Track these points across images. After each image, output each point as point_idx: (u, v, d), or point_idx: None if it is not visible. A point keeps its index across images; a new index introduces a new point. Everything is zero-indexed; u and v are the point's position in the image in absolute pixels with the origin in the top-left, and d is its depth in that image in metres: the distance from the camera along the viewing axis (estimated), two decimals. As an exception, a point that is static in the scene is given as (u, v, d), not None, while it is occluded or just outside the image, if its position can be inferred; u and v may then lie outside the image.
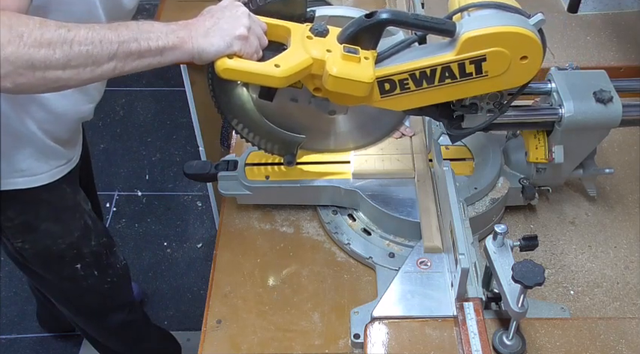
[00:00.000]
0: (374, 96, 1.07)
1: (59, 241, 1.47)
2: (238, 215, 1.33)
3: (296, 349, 1.10)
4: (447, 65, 1.02)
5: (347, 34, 1.03)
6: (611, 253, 1.25)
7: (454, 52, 1.01)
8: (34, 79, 0.88)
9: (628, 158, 1.44)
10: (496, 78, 1.04)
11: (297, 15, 1.09)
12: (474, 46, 1.00)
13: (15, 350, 2.32)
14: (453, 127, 1.16)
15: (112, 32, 0.93)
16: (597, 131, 1.22)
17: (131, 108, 3.27)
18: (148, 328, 1.95)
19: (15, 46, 0.85)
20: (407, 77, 1.05)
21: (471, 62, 1.02)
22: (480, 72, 1.03)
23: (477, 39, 0.99)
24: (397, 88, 1.06)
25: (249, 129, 1.22)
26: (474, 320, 0.99)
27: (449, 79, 1.04)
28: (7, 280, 2.51)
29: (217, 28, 1.00)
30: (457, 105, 1.13)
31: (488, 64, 1.01)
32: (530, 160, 1.25)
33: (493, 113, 1.13)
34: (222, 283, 1.21)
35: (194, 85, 1.96)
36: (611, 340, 1.01)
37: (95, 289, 1.63)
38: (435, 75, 1.04)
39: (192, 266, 2.58)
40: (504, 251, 1.01)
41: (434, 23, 1.02)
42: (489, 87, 1.06)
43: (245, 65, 1.00)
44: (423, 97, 1.07)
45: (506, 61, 1.01)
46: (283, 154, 1.26)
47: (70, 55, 0.89)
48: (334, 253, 1.26)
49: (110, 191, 2.86)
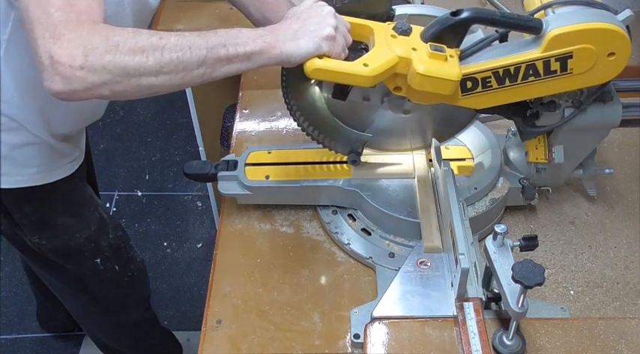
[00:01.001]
0: (456, 94, 1.06)
1: (77, 235, 1.48)
2: (238, 215, 1.33)
3: (296, 349, 1.10)
4: (532, 63, 1.01)
5: (431, 32, 1.02)
6: (611, 253, 1.25)
7: (540, 49, 1.00)
8: (129, 86, 0.92)
9: (628, 158, 1.44)
10: (581, 75, 1.03)
11: (379, 14, 1.08)
12: (562, 43, 0.99)
13: (15, 350, 2.32)
14: (527, 124, 1.16)
15: (201, 39, 0.95)
16: (597, 131, 1.22)
17: (131, 108, 3.27)
18: (156, 328, 1.96)
19: (112, 55, 0.89)
20: (490, 75, 1.04)
21: (557, 59, 1.01)
22: (564, 69, 1.02)
23: (565, 36, 0.99)
24: (479, 87, 1.05)
25: (315, 127, 1.20)
26: (473, 320, 0.99)
27: (532, 77, 1.03)
28: (7, 280, 2.51)
29: (305, 30, 1.00)
30: (535, 103, 1.12)
31: (575, 61, 1.01)
32: (530, 160, 1.25)
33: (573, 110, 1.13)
34: (222, 283, 1.21)
35: (194, 85, 1.96)
36: (611, 340, 1.01)
37: (116, 283, 1.64)
38: (519, 73, 1.03)
39: (192, 266, 2.58)
40: (504, 251, 1.01)
41: (520, 21, 1.01)
42: (573, 84, 1.06)
43: (334, 65, 1.00)
44: (504, 95, 1.06)
45: (593, 58, 1.01)
46: (347, 152, 1.25)
47: (161, 61, 0.92)
48: (334, 253, 1.26)
49: (110, 191, 2.86)
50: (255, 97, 1.63)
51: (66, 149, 1.37)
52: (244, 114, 1.59)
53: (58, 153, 1.35)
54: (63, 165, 1.38)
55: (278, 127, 1.54)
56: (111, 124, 3.16)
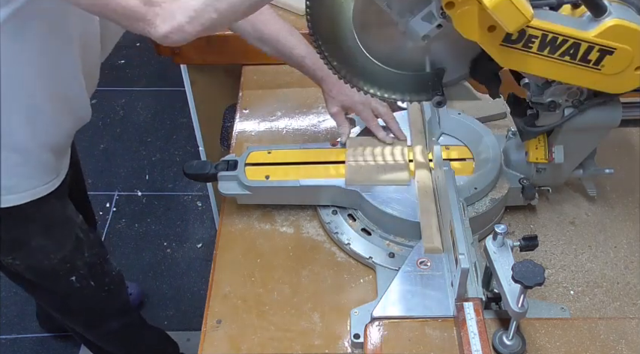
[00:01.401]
0: (496, 39, 1.02)
1: (51, 256, 1.46)
2: (238, 215, 1.33)
3: (296, 349, 1.10)
4: (579, 42, 1.00)
5: None
6: (611, 253, 1.25)
7: (595, 32, 0.99)
8: None
9: (628, 158, 1.44)
10: (605, 76, 1.03)
11: None
12: (616, 35, 0.99)
13: (15, 350, 2.32)
14: (527, 124, 1.16)
15: None
16: (597, 131, 1.22)
17: (131, 108, 3.27)
18: (143, 330, 1.95)
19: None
20: (539, 36, 1.01)
21: (599, 50, 1.00)
22: (597, 63, 1.02)
23: (622, 29, 0.98)
24: (521, 43, 1.02)
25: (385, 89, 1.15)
26: (473, 320, 0.99)
27: (568, 57, 1.02)
28: (7, 280, 2.49)
29: None
30: (535, 103, 1.12)
31: (612, 59, 1.01)
32: (530, 160, 1.25)
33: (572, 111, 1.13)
34: (222, 283, 1.21)
35: (194, 85, 1.96)
36: (611, 340, 1.01)
37: (92, 298, 1.62)
38: (562, 47, 1.01)
39: (192, 266, 2.58)
40: (504, 251, 1.01)
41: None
42: (594, 82, 1.05)
43: None
44: (533, 63, 1.04)
45: (626, 64, 1.01)
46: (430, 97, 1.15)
47: None
48: (334, 253, 1.26)
49: (110, 191, 2.86)
50: (255, 97, 1.63)
51: (47, 166, 1.34)
52: (244, 114, 1.59)
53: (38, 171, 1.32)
54: (40, 185, 1.34)
55: (278, 127, 1.54)
56: (111, 124, 3.17)
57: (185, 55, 1.77)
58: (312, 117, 1.56)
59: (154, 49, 1.76)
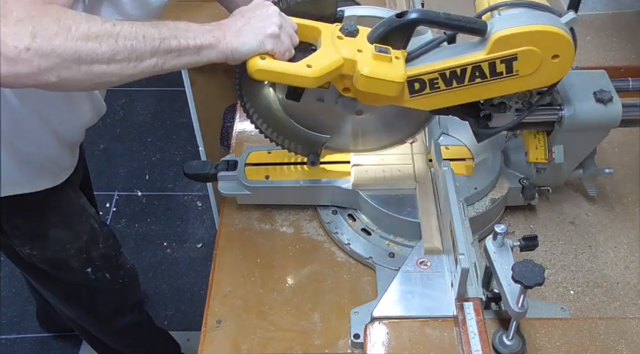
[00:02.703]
0: (403, 96, 1.06)
1: (68, 246, 1.47)
2: (238, 215, 1.33)
3: (296, 349, 1.10)
4: (478, 65, 1.02)
5: (377, 33, 1.03)
6: (611, 253, 1.25)
7: (485, 51, 1.01)
8: (79, 73, 0.88)
9: (628, 158, 1.44)
10: (527, 77, 1.03)
11: (326, 15, 1.09)
12: (506, 45, 1.00)
13: (15, 350, 2.32)
14: (480, 126, 1.16)
15: (154, 29, 0.93)
16: (597, 131, 1.22)
17: (131, 108, 3.27)
18: (152, 329, 1.96)
19: (63, 38, 0.85)
20: (437, 77, 1.04)
21: (502, 61, 1.01)
22: (510, 71, 1.02)
23: (508, 38, 0.99)
24: (427, 88, 1.05)
25: (273, 129, 1.21)
26: (473, 320, 0.99)
27: (479, 79, 1.04)
28: (7, 280, 2.51)
29: (249, 27, 1.00)
30: (486, 104, 1.13)
31: (520, 63, 1.01)
32: (530, 160, 1.25)
33: (521, 112, 1.13)
34: (222, 283, 1.21)
35: (194, 85, 1.96)
36: (611, 340, 1.01)
37: (107, 291, 1.63)
38: (466, 74, 1.03)
39: (192, 266, 2.58)
40: (504, 251, 1.01)
41: (465, 22, 1.01)
42: (520, 86, 1.06)
43: (277, 66, 1.00)
44: (453, 96, 1.07)
45: (538, 60, 1.01)
46: (307, 153, 1.25)
47: (115, 49, 0.89)
48: (334, 253, 1.26)
49: (110, 191, 2.86)
50: (255, 97, 1.63)
51: (62, 155, 1.36)
52: (244, 114, 1.58)
53: (53, 160, 1.34)
54: (56, 173, 1.36)
55: (278, 127, 1.54)
56: (111, 124, 3.17)
57: (185, 55, 1.77)
58: (312, 117, 1.56)
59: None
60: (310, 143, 1.24)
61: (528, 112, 1.13)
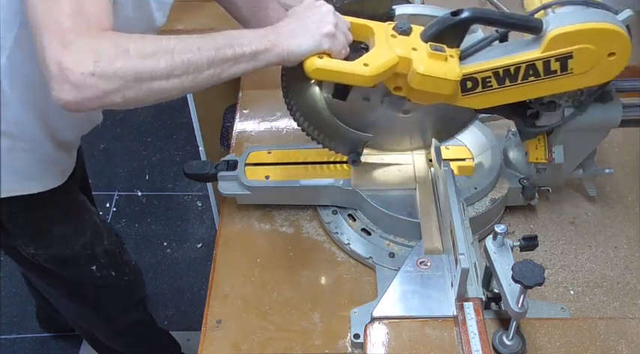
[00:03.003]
0: (455, 94, 1.06)
1: (72, 243, 1.47)
2: (238, 215, 1.33)
3: (296, 349, 1.10)
4: (532, 63, 1.01)
5: (431, 32, 1.02)
6: (611, 253, 1.25)
7: (540, 49, 1.00)
8: (141, 91, 0.90)
9: (628, 158, 1.44)
10: (581, 75, 1.03)
11: (379, 14, 1.08)
12: (562, 43, 0.99)
13: (15, 350, 2.32)
14: (527, 124, 1.16)
15: (207, 40, 0.95)
16: (597, 131, 1.22)
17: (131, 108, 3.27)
18: (153, 329, 1.96)
19: (123, 60, 0.88)
20: (490, 75, 1.03)
21: (557, 59, 1.01)
22: (565, 69, 1.02)
23: (565, 36, 0.99)
24: (479, 86, 1.05)
25: (315, 127, 1.20)
26: (473, 320, 0.99)
27: (532, 77, 1.03)
28: (7, 280, 2.51)
29: (304, 28, 1.00)
30: (535, 103, 1.13)
31: (575, 61, 1.01)
32: (530, 160, 1.25)
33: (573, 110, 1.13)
34: (222, 283, 1.21)
35: (194, 85, 1.96)
36: (611, 340, 1.01)
37: (113, 288, 1.64)
38: (519, 73, 1.03)
39: (192, 266, 2.58)
40: (504, 251, 1.01)
41: (521, 21, 1.01)
42: (573, 84, 1.06)
43: (335, 65, 1.00)
44: (504, 95, 1.06)
45: (593, 58, 1.01)
46: (348, 152, 1.25)
47: (172, 64, 0.91)
48: (334, 253, 1.26)
49: (110, 191, 2.86)
50: (255, 97, 1.63)
51: (61, 157, 1.36)
52: (244, 114, 1.59)
53: (53, 161, 1.34)
54: (57, 173, 1.37)
55: (278, 127, 1.54)
56: (111, 124, 3.17)
57: (185, 55, 1.77)
58: (312, 117, 1.56)
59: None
60: (352, 142, 1.23)
61: (579, 111, 1.13)
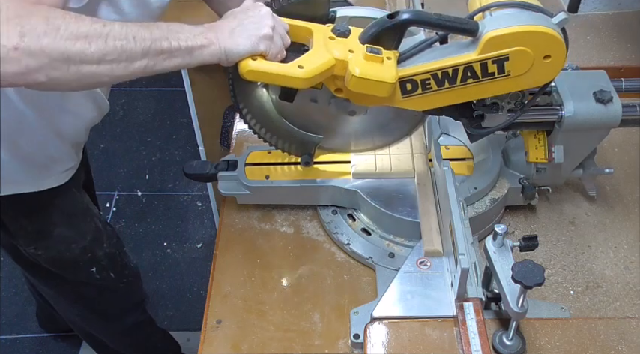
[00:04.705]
0: (396, 96, 1.06)
1: (73, 245, 1.47)
2: (238, 215, 1.33)
3: (296, 349, 1.10)
4: (470, 65, 1.02)
5: (369, 34, 1.03)
6: (611, 253, 1.25)
7: (476, 51, 1.01)
8: (69, 73, 0.87)
9: (628, 158, 1.44)
10: (518, 77, 1.03)
11: (319, 16, 1.09)
12: (497, 45, 1.00)
13: (15, 350, 2.32)
14: (473, 126, 1.16)
15: (145, 30, 0.93)
16: (597, 131, 1.22)
17: (131, 108, 3.27)
18: (153, 329, 1.96)
19: (52, 38, 0.84)
20: (429, 77, 1.04)
21: (494, 62, 1.01)
22: (502, 71, 1.02)
23: (499, 39, 0.99)
24: (419, 88, 1.06)
25: (267, 129, 1.21)
26: (473, 320, 0.99)
27: (471, 79, 1.04)
28: (7, 280, 2.51)
29: (242, 29, 1.00)
30: (478, 104, 1.12)
31: (511, 63, 1.01)
32: (530, 160, 1.25)
33: (514, 112, 1.13)
34: (222, 283, 1.21)
35: (194, 85, 1.96)
36: (611, 340, 1.01)
37: (112, 290, 1.64)
38: (457, 75, 1.03)
39: (192, 266, 2.58)
40: (504, 251, 1.01)
41: (456, 23, 1.01)
42: (511, 86, 1.06)
43: (268, 67, 1.00)
44: (445, 96, 1.07)
45: (529, 61, 1.01)
46: (300, 154, 1.26)
47: (105, 49, 0.89)
48: (334, 253, 1.26)
49: (110, 191, 2.86)
50: (255, 97, 1.63)
51: (65, 155, 1.36)
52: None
53: (57, 159, 1.34)
54: (61, 172, 1.36)
55: (278, 127, 1.54)
56: (111, 124, 3.17)
57: (185, 55, 1.77)
58: (312, 117, 1.56)
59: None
60: (304, 144, 1.24)
61: (521, 112, 1.13)
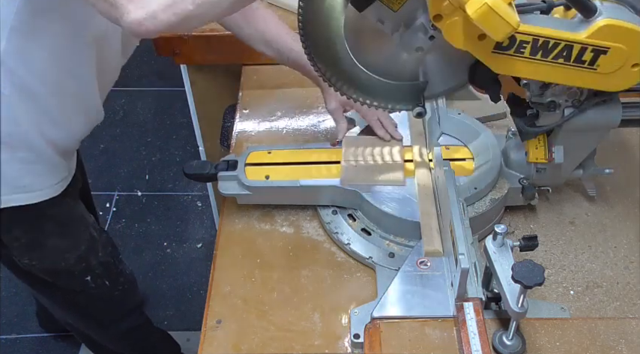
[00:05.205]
0: (488, 46, 1.03)
1: (67, 255, 1.47)
2: (238, 215, 1.33)
3: (296, 349, 1.10)
4: (571, 44, 1.00)
5: None
6: (611, 253, 1.25)
7: (586, 33, 0.99)
8: None
9: (628, 158, 1.44)
10: (602, 75, 1.03)
11: None
12: (608, 35, 0.99)
13: (15, 350, 2.32)
14: (527, 124, 1.16)
15: None
16: (597, 131, 1.22)
17: (131, 108, 3.27)
18: (150, 331, 1.96)
19: None
20: (529, 41, 1.01)
21: (593, 50, 1.00)
22: (592, 63, 1.02)
23: (614, 28, 0.98)
24: (512, 49, 1.02)
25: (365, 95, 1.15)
26: (473, 320, 0.99)
27: (562, 60, 1.02)
28: (7, 280, 2.51)
29: None
30: (535, 102, 1.12)
31: (606, 58, 1.01)
32: (530, 160, 1.25)
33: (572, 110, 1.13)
34: (222, 283, 1.21)
35: (194, 85, 1.96)
36: (611, 340, 1.01)
37: (106, 298, 1.63)
38: (555, 50, 1.01)
39: (192, 266, 2.58)
40: (504, 251, 1.01)
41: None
42: (592, 82, 1.05)
43: None
44: (528, 67, 1.04)
45: (622, 62, 1.01)
46: (412, 107, 1.16)
47: None
48: (334, 253, 1.26)
49: (110, 191, 2.86)
50: (255, 97, 1.63)
51: (60, 165, 1.35)
52: (244, 114, 1.59)
53: (52, 170, 1.33)
54: (55, 182, 1.36)
55: (278, 127, 1.54)
56: (111, 124, 3.17)
57: (185, 55, 1.77)
58: (312, 117, 1.56)
59: (154, 49, 1.76)
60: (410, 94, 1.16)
61: (578, 112, 1.13)
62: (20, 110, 1.20)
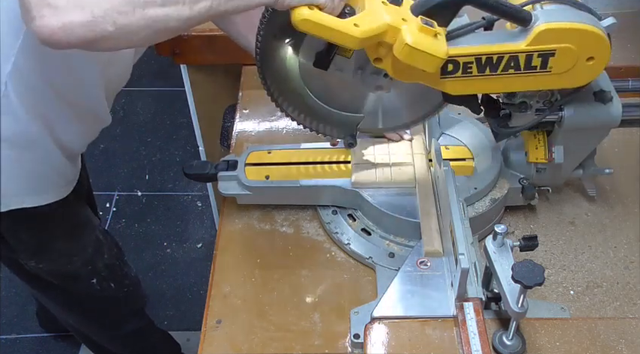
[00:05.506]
0: (436, 74, 1.04)
1: (74, 258, 1.47)
2: (238, 215, 1.33)
3: (296, 349, 1.10)
4: (515, 55, 1.01)
5: (424, 7, 1.00)
6: (611, 253, 1.25)
7: (526, 41, 1.00)
8: (134, 18, 0.87)
9: (628, 158, 1.44)
10: (558, 75, 1.03)
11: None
12: (548, 39, 0.99)
13: (15, 350, 2.32)
14: (500, 125, 1.16)
15: None
16: (597, 131, 1.22)
17: (131, 108, 3.27)
18: (153, 331, 1.96)
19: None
20: (472, 61, 1.02)
21: (540, 55, 1.00)
22: (544, 67, 1.02)
23: (552, 32, 0.98)
24: (459, 71, 1.03)
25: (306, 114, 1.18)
26: (473, 320, 0.99)
27: (512, 70, 1.03)
28: (7, 280, 2.51)
29: None
30: (506, 103, 1.12)
31: (556, 59, 1.01)
32: (530, 160, 1.25)
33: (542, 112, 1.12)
34: (222, 283, 1.21)
35: (194, 85, 1.96)
36: (611, 340, 1.01)
37: (112, 300, 1.63)
38: (501, 63, 1.02)
39: (192, 266, 2.58)
40: (504, 251, 1.01)
41: (512, 9, 1.00)
42: (549, 83, 1.05)
43: (325, 19, 0.95)
44: (481, 84, 1.05)
45: (573, 60, 1.01)
46: (343, 136, 1.22)
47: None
48: (334, 253, 1.26)
49: (110, 191, 2.86)
50: (255, 97, 1.63)
51: (67, 167, 1.35)
52: (244, 114, 1.59)
53: (59, 172, 1.33)
54: (63, 185, 1.36)
55: (278, 127, 1.54)
56: (111, 124, 3.15)
57: (185, 55, 1.77)
58: (312, 117, 1.56)
59: (154, 49, 1.76)
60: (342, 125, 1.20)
61: (549, 112, 1.13)
62: (31, 111, 1.19)
